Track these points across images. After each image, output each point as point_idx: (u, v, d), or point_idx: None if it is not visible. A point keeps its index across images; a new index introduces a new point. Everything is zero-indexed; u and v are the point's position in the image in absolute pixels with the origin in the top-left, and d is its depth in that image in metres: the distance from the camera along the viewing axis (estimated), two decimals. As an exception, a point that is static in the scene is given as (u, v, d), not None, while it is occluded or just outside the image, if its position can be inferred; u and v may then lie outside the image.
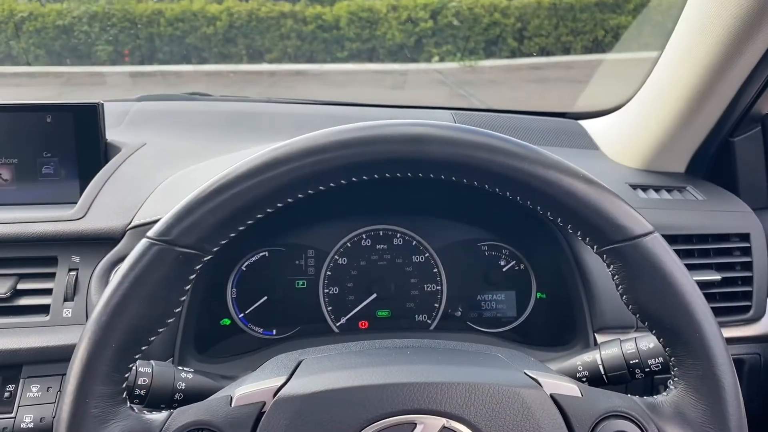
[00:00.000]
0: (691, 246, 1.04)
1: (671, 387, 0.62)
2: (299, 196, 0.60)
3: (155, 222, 0.60)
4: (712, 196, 1.14)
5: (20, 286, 0.93)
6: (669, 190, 1.14)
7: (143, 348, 0.59)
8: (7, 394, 0.88)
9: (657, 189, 1.14)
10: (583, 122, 1.38)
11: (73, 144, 1.05)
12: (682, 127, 1.13)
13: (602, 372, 0.76)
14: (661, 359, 0.74)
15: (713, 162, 1.19)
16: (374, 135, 0.59)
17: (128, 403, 0.59)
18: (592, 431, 0.59)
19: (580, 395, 0.61)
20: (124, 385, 0.58)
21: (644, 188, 1.14)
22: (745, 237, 1.06)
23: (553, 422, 0.58)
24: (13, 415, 0.86)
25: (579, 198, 0.59)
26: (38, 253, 0.95)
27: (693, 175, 1.21)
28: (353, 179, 0.60)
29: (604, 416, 0.60)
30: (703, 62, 1.01)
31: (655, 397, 0.63)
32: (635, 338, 0.77)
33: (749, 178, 1.17)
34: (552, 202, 0.60)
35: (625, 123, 1.25)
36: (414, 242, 1.13)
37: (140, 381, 0.71)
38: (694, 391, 0.60)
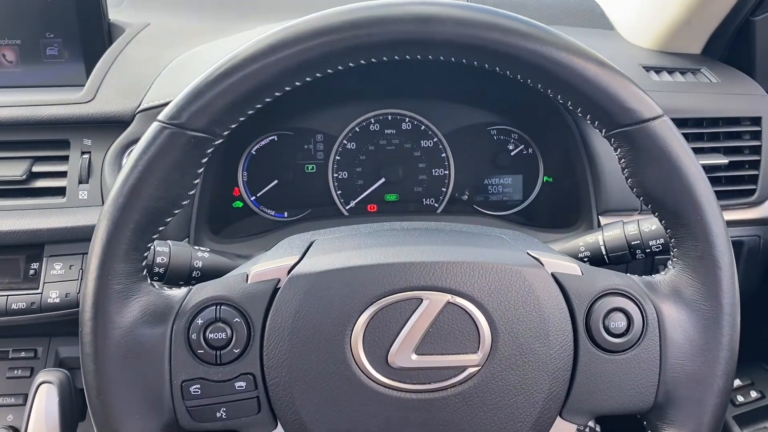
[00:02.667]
0: (701, 129, 1.03)
1: (670, 267, 0.64)
2: (307, 78, 0.59)
3: (165, 105, 0.60)
4: (726, 78, 1.11)
5: (35, 169, 0.95)
6: (683, 72, 1.12)
7: (160, 228, 0.60)
8: (32, 272, 0.92)
9: (671, 71, 1.12)
10: (599, 0, 1.33)
11: (76, 24, 1.03)
12: (701, 4, 1.08)
13: (604, 252, 0.79)
14: (661, 240, 0.76)
15: (731, 43, 1.16)
16: (383, 15, 0.57)
17: (148, 280, 0.62)
18: (591, 307, 0.62)
19: (580, 274, 0.63)
20: (143, 264, 0.61)
21: (657, 70, 1.11)
22: (756, 120, 1.05)
23: (554, 299, 0.61)
24: (39, 290, 0.90)
25: (589, 80, 0.58)
26: (50, 136, 0.96)
27: (709, 57, 1.18)
28: (362, 62, 0.59)
29: (602, 293, 0.62)
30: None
31: (653, 276, 0.65)
32: (638, 220, 0.78)
33: (767, 59, 1.14)
34: (562, 84, 0.59)
35: (643, 1, 1.20)
36: (422, 127, 1.13)
37: (158, 260, 0.74)
38: (691, 271, 0.62)
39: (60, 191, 0.94)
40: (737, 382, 1.14)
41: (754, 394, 1.12)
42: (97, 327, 0.58)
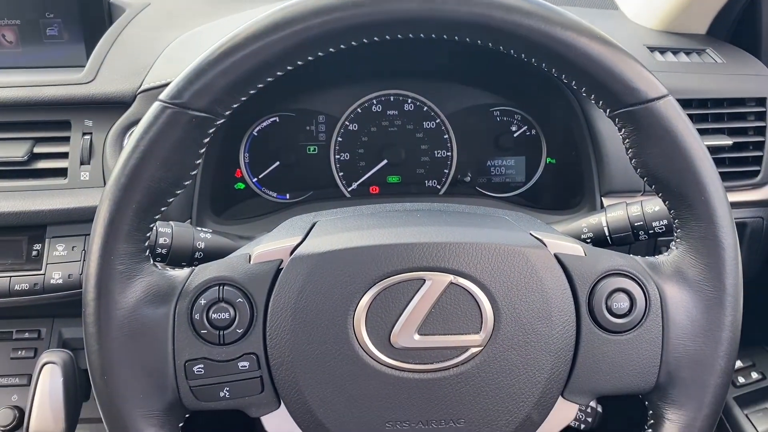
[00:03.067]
0: (705, 110, 1.03)
1: (673, 247, 0.64)
2: (309, 57, 0.59)
3: (166, 85, 0.59)
4: (731, 58, 1.10)
5: (37, 150, 0.94)
6: (688, 53, 1.11)
7: (162, 209, 0.60)
8: (34, 253, 0.92)
9: (675, 51, 1.11)
10: (603, -20, 1.32)
11: (76, 4, 1.02)
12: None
13: (606, 234, 0.78)
14: (665, 222, 0.76)
15: (736, 23, 1.15)
16: None
17: (151, 260, 0.62)
18: (593, 288, 0.62)
19: (583, 255, 0.63)
20: (146, 244, 0.61)
21: (662, 50, 1.10)
22: (761, 101, 1.04)
23: (557, 280, 0.61)
24: (42, 272, 0.91)
25: (594, 60, 0.57)
26: (51, 117, 0.96)
27: (714, 37, 1.16)
28: (364, 41, 0.58)
29: (605, 274, 0.62)
30: None
31: (656, 257, 0.65)
32: (641, 201, 0.78)
33: (773, 39, 1.13)
34: (567, 63, 0.58)
35: (648, -20, 1.19)
36: (425, 108, 1.12)
37: (161, 241, 0.74)
38: (694, 252, 0.61)
39: (62, 172, 0.94)
40: (738, 363, 1.15)
41: (755, 375, 1.12)
42: (100, 307, 0.58)
